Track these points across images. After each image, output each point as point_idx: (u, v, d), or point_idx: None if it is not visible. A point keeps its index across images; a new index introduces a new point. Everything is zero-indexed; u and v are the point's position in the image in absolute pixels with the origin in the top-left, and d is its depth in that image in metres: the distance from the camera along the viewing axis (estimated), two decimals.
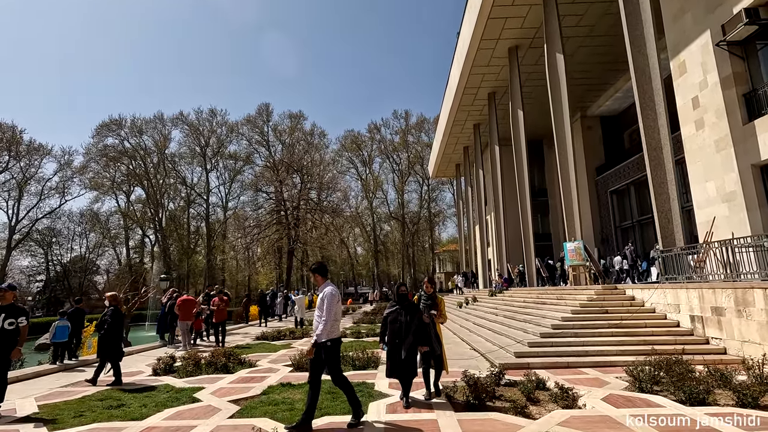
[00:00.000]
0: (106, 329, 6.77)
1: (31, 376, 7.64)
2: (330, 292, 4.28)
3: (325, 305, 4.20)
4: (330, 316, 4.20)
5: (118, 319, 6.90)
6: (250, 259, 49.78)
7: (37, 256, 55.72)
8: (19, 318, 5.22)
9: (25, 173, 50.53)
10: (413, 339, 4.92)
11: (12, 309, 5.23)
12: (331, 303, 4.22)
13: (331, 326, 4.24)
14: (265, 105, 56.92)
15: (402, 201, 59.28)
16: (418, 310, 5.20)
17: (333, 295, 4.29)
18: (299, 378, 6.57)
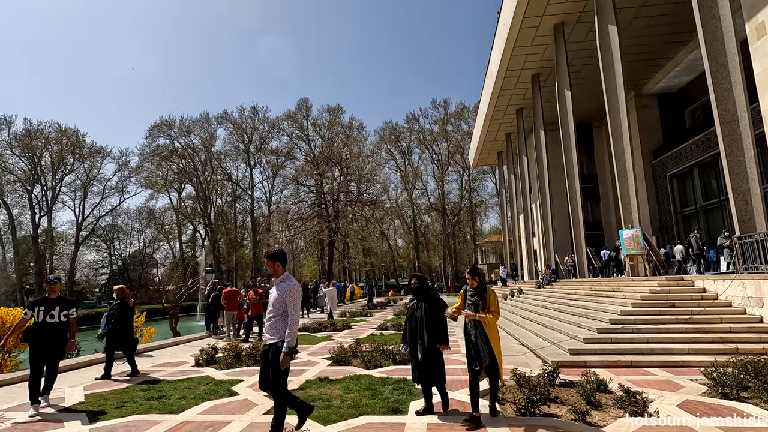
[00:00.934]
0: (114, 322, 6.88)
1: (84, 364, 7.95)
2: (294, 288, 3.56)
3: (290, 303, 3.47)
4: (296, 315, 3.51)
5: (126, 312, 7.04)
6: (294, 251, 50.97)
7: (101, 250, 60.07)
8: (70, 310, 5.23)
9: (89, 174, 54.35)
10: (429, 338, 4.22)
11: (63, 301, 5.23)
12: (296, 301, 3.53)
13: (296, 329, 3.57)
14: (304, 100, 57.71)
15: (442, 192, 58.30)
16: (437, 303, 4.41)
17: (297, 291, 3.59)
18: (337, 372, 6.35)
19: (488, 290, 4.31)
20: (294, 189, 52.17)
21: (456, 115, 58.40)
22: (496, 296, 4.32)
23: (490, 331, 4.18)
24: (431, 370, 4.26)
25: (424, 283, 4.62)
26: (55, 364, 5.09)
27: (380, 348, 7.74)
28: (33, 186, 50.58)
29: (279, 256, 3.64)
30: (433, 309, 4.36)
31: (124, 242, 62.35)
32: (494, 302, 4.26)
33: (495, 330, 4.24)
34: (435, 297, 4.49)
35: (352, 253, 40.99)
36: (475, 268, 4.47)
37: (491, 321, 4.17)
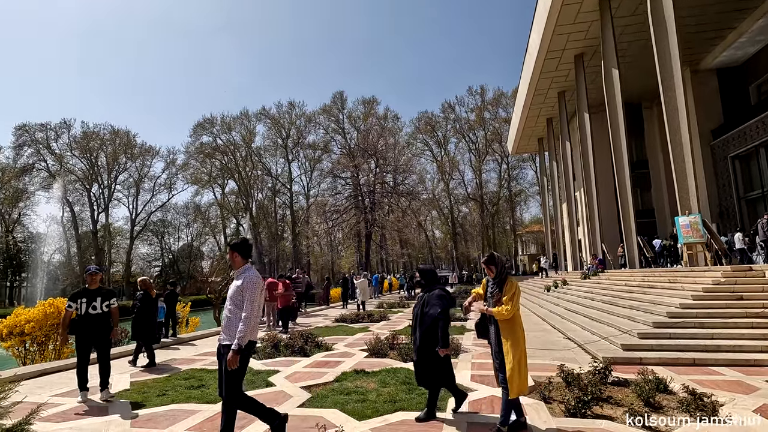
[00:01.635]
0: (137, 313, 7.15)
1: (130, 352, 8.28)
2: (254, 279, 3.22)
3: (247, 297, 3.14)
4: (253, 311, 3.15)
5: (148, 303, 7.28)
6: (332, 243, 51.65)
7: (153, 244, 63.69)
8: (111, 300, 5.24)
9: (140, 172, 57.60)
10: (420, 338, 3.82)
11: (104, 291, 5.27)
12: (254, 295, 3.18)
13: (253, 325, 3.22)
14: (339, 93, 58.13)
15: (480, 181, 57.05)
16: (436, 299, 3.86)
17: (257, 284, 3.23)
18: (373, 365, 6.22)
19: (507, 281, 3.64)
20: (331, 182, 52.85)
21: (493, 102, 56.77)
22: (515, 288, 3.57)
23: (505, 331, 3.51)
24: (427, 371, 3.85)
25: (428, 276, 4.15)
26: (105, 355, 5.06)
27: None
28: (91, 185, 54.17)
29: (238, 247, 3.36)
30: (430, 306, 3.84)
31: (174, 236, 65.71)
32: (509, 295, 3.51)
33: (512, 330, 3.51)
34: (437, 292, 3.96)
35: (389, 245, 40.95)
36: (492, 256, 3.79)
37: (500, 316, 3.49)
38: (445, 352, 3.78)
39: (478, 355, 6.82)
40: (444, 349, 3.74)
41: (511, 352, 3.47)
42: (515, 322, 3.58)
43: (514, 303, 3.54)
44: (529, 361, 6.01)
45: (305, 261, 57.35)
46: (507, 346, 3.50)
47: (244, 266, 3.33)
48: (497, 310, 3.52)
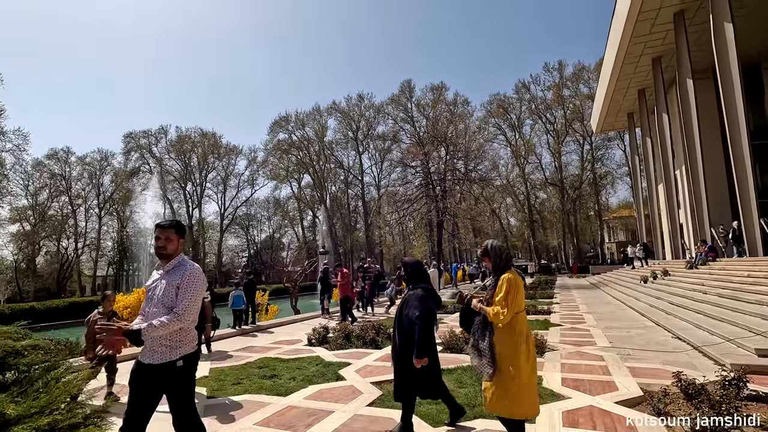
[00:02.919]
0: None
1: (216, 338, 8.74)
2: (197, 275, 2.50)
3: (182, 295, 2.42)
4: (189, 313, 2.41)
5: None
6: (404, 232, 51.76)
7: (240, 236, 68.88)
8: None
9: (226, 170, 62.45)
10: (399, 345, 3.30)
11: None
12: (195, 292, 2.45)
13: (189, 332, 2.47)
14: (407, 82, 57.51)
15: (559, 164, 53.12)
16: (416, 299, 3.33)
17: (198, 278, 2.50)
18: (448, 361, 5.78)
19: (504, 278, 3.00)
20: (401, 171, 52.79)
21: (573, 78, 52.26)
22: (510, 286, 2.92)
23: (500, 340, 2.89)
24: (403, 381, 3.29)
25: (412, 270, 3.52)
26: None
27: None
28: (186, 183, 59.87)
29: (172, 226, 2.58)
30: (409, 307, 3.29)
31: (257, 229, 70.48)
32: (502, 294, 2.88)
33: (508, 341, 2.87)
34: (419, 291, 3.37)
35: (461, 234, 39.84)
36: (486, 248, 3.21)
37: (493, 319, 2.89)
38: (421, 364, 3.15)
39: (568, 354, 6.06)
40: (419, 359, 3.13)
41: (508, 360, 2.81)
42: (513, 329, 2.88)
43: (510, 305, 2.87)
44: (633, 365, 5.22)
45: (378, 251, 58.26)
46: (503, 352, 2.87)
47: (179, 258, 2.56)
48: (492, 311, 2.90)
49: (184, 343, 2.48)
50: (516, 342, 2.87)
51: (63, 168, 52.98)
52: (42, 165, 51.15)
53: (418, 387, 3.31)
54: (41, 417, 2.40)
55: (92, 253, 54.83)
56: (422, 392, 3.38)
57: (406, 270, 3.59)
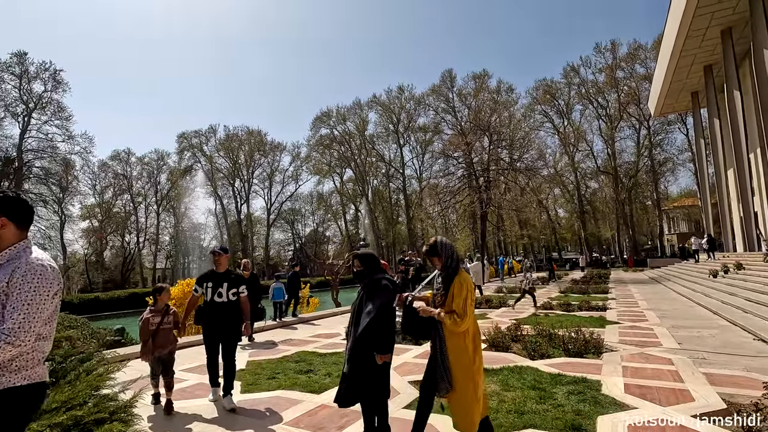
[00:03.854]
0: None
1: (257, 330, 8.82)
2: (34, 268, 1.70)
3: (13, 305, 1.63)
4: (25, 333, 1.62)
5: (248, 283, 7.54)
6: (447, 225, 50.91)
7: (286, 231, 70.93)
8: (240, 287, 4.38)
9: (271, 166, 64.33)
10: (353, 345, 2.89)
11: (231, 277, 4.37)
12: (35, 295, 1.66)
13: (31, 354, 1.70)
14: (448, 71, 56.29)
15: (612, 151, 49.96)
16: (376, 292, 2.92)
17: (40, 277, 1.70)
18: (493, 360, 5.40)
19: (457, 277, 2.76)
20: (443, 163, 52.00)
21: (628, 58, 48.72)
22: (469, 289, 2.70)
23: (452, 341, 2.67)
24: (357, 385, 2.87)
25: (368, 263, 3.11)
26: (230, 353, 4.24)
27: (546, 332, 6.47)
28: (234, 180, 62.33)
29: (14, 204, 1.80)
30: (368, 301, 2.93)
31: (302, 223, 72.27)
32: (461, 298, 2.66)
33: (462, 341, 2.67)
34: (378, 284, 2.99)
35: (506, 226, 38.54)
36: (434, 245, 2.93)
37: (452, 326, 2.63)
38: (384, 359, 2.84)
39: (630, 356, 5.46)
40: (382, 355, 2.82)
41: (462, 371, 2.64)
42: (467, 335, 2.69)
43: (471, 311, 2.67)
44: (709, 370, 4.57)
45: (420, 243, 57.84)
46: (457, 362, 2.66)
47: (17, 246, 1.77)
48: (449, 319, 2.64)
49: (10, 371, 1.65)
50: (469, 348, 2.68)
51: (125, 168, 56.97)
52: (107, 166, 55.21)
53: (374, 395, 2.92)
54: (59, 413, 2.33)
55: (152, 247, 58.57)
56: (373, 403, 2.95)
57: (363, 262, 3.11)
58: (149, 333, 4.11)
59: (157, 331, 4.12)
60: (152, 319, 4.15)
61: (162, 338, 4.13)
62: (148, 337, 4.09)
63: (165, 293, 4.30)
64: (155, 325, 4.14)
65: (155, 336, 4.10)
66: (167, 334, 4.21)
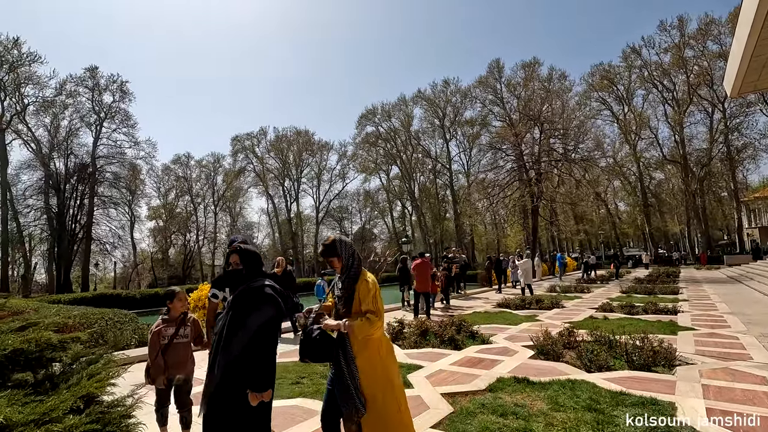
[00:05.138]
0: None
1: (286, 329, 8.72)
2: None
3: None
4: None
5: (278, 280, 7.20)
6: (496, 220, 49.24)
7: (335, 228, 72.10)
8: None
9: (319, 166, 65.62)
10: (221, 375, 2.21)
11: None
12: None
13: None
14: (495, 61, 54.20)
15: (681, 138, 45.65)
16: (250, 304, 2.25)
17: None
18: (542, 370, 4.75)
19: (361, 278, 2.41)
20: (491, 157, 50.28)
21: (698, 35, 44.16)
22: (371, 285, 2.38)
23: (364, 356, 2.29)
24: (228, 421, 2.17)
25: (251, 261, 2.41)
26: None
27: (605, 339, 5.69)
28: (284, 180, 64.23)
29: None
30: (243, 314, 2.22)
31: (350, 220, 73.18)
32: (368, 296, 2.32)
33: (376, 355, 2.33)
34: (258, 293, 2.27)
35: (560, 220, 36.38)
36: (333, 244, 2.47)
37: (363, 330, 2.24)
38: (259, 399, 2.16)
39: (711, 372, 4.57)
40: (258, 393, 2.14)
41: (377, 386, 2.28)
42: (376, 343, 2.36)
43: (381, 312, 2.36)
44: None
45: (467, 240, 56.54)
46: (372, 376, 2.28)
47: None
48: (358, 324, 2.24)
49: None
50: (385, 360, 2.34)
51: (185, 171, 60.64)
52: (169, 169, 59.11)
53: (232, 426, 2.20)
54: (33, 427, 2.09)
55: (210, 245, 61.82)
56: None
57: (241, 259, 2.41)
58: (160, 348, 3.23)
59: (170, 345, 3.24)
60: (165, 331, 3.28)
61: (177, 355, 3.25)
62: (158, 353, 3.21)
63: (178, 300, 3.40)
64: (168, 338, 3.26)
65: (167, 352, 3.22)
66: (184, 350, 3.30)
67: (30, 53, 38.08)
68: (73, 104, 42.26)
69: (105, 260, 48.33)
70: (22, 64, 37.82)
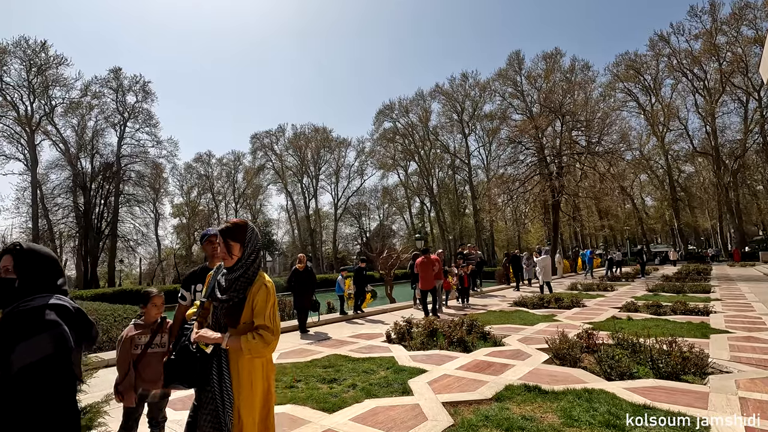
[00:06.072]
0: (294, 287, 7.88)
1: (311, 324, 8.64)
2: None
3: None
4: None
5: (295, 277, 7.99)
6: (516, 216, 48.12)
7: (353, 225, 72.19)
8: None
9: (337, 162, 65.69)
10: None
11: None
12: None
13: None
14: (515, 53, 52.89)
15: (713, 129, 43.51)
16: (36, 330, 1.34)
17: None
18: (556, 377, 4.34)
19: (258, 282, 1.96)
20: (511, 151, 49.13)
21: (731, 20, 41.85)
22: (271, 293, 1.96)
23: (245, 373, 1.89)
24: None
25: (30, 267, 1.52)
26: None
27: (628, 342, 5.23)
28: (302, 177, 64.55)
29: None
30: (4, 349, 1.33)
31: (368, 217, 73.08)
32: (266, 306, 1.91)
33: (260, 374, 1.94)
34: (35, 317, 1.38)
35: (583, 215, 35.19)
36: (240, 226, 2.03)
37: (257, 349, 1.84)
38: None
39: (749, 382, 4.04)
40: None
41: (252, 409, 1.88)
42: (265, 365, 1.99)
43: (277, 331, 1.92)
44: None
45: (486, 236, 55.60)
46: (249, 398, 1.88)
47: None
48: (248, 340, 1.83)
49: None
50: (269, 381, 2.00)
51: (206, 169, 61.67)
52: (191, 168, 60.20)
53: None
54: None
55: None
56: None
57: (16, 264, 1.52)
58: (131, 358, 2.75)
59: (143, 356, 2.77)
60: (138, 339, 2.81)
61: (151, 368, 2.74)
62: (129, 365, 2.72)
63: (153, 306, 2.92)
64: (141, 347, 2.79)
65: (140, 363, 2.75)
66: (160, 362, 2.67)
67: (56, 56, 39.29)
68: (98, 105, 43.40)
69: (130, 257, 49.63)
70: (49, 66, 39.02)
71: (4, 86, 37.19)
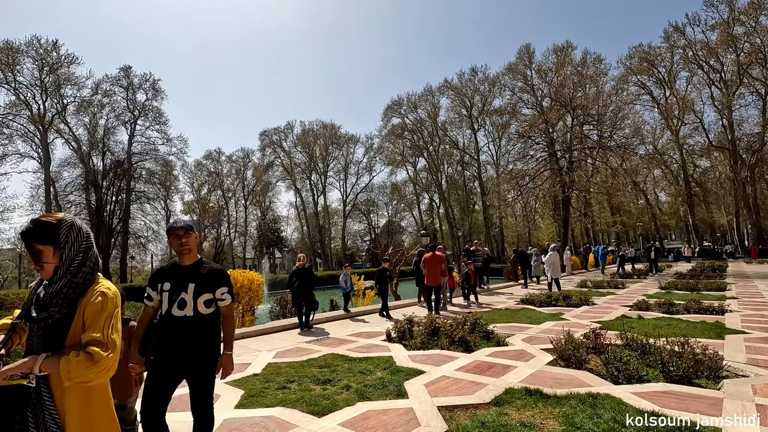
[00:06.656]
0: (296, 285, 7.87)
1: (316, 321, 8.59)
2: None
3: None
4: None
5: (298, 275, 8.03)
6: (526, 212, 47.56)
7: (362, 221, 72.17)
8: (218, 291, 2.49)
9: (346, 159, 65.64)
10: None
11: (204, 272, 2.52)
12: None
13: None
14: (525, 47, 52.07)
15: (730, 122, 42.38)
16: None
17: None
18: (560, 380, 4.14)
19: (91, 293, 1.53)
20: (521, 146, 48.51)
21: (749, 9, 40.60)
22: (109, 302, 1.53)
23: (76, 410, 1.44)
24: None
25: None
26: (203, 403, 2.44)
27: (637, 343, 5.01)
28: (311, 173, 64.60)
29: None
30: None
31: (377, 213, 72.98)
32: (99, 318, 1.48)
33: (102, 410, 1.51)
34: None
35: (594, 211, 34.57)
36: (54, 225, 1.61)
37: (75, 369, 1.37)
38: None
39: (766, 387, 3.84)
40: None
41: None
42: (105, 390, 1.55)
43: (115, 347, 1.47)
44: None
45: (495, 232, 55.14)
46: None
47: None
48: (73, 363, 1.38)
49: None
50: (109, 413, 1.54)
51: (216, 166, 62.06)
52: (201, 165, 60.65)
53: None
54: None
55: (240, 238, 63.18)
56: None
57: None
58: None
59: None
60: None
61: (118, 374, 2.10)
62: None
63: None
64: None
65: None
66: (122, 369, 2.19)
67: (68, 55, 39.70)
68: (109, 103, 43.83)
69: (141, 253, 50.20)
70: (61, 65, 39.48)
71: (17, 85, 37.78)
